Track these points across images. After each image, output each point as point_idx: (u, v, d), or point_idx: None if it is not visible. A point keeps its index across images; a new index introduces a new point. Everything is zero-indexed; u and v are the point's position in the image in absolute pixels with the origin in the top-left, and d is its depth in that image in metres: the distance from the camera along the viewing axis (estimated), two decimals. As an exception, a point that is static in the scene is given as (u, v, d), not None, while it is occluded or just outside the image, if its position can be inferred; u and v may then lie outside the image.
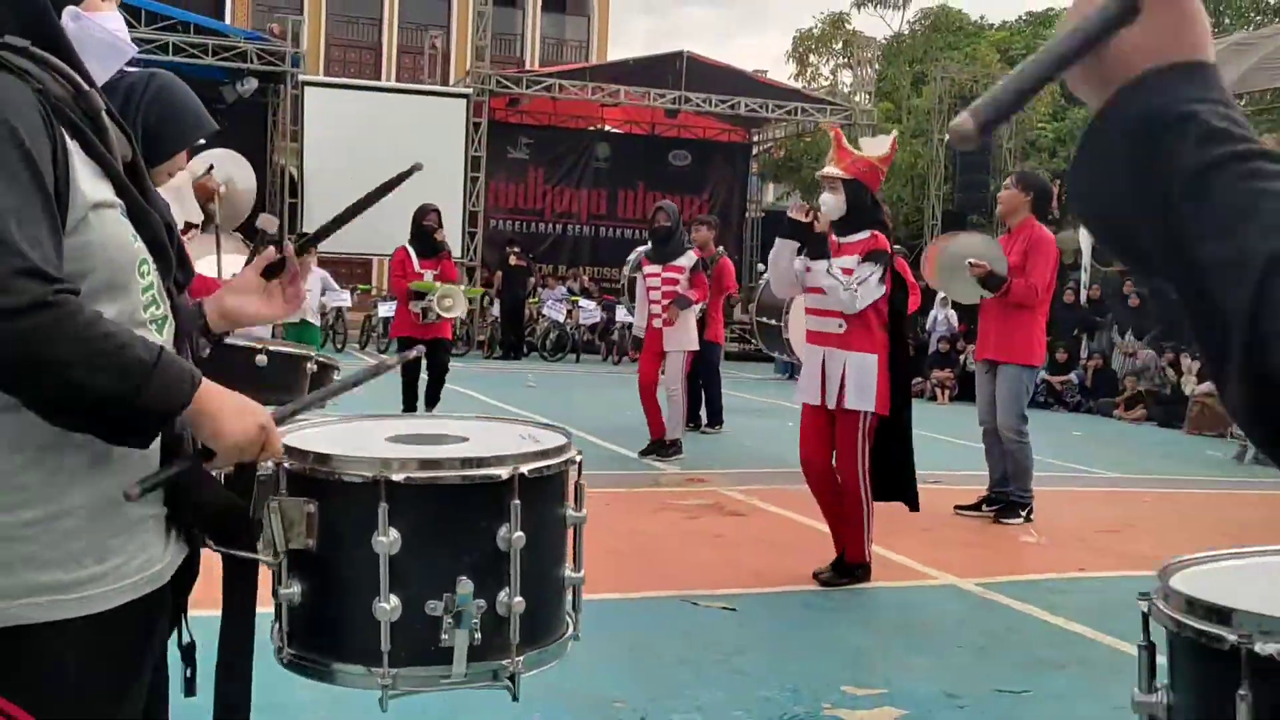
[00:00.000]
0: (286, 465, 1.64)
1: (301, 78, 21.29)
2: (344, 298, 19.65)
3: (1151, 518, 8.10)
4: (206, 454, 1.53)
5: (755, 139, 27.96)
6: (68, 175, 1.41)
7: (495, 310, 20.86)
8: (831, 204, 5.61)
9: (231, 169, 7.35)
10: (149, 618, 1.55)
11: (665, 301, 9.36)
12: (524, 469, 1.62)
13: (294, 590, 1.64)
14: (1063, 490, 8.74)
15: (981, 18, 35.44)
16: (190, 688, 1.68)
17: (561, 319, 20.86)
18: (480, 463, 1.63)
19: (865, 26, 30.41)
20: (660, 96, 22.89)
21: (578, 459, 1.77)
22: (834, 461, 5.67)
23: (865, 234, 5.61)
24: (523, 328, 20.87)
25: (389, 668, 1.58)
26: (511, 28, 34.22)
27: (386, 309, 18.28)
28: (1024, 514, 7.34)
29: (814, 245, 5.59)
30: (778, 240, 5.79)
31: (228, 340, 2.32)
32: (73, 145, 1.44)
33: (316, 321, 11.20)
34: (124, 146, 1.55)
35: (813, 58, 30.64)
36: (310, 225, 16.71)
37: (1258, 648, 1.35)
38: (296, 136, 21.25)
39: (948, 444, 11.03)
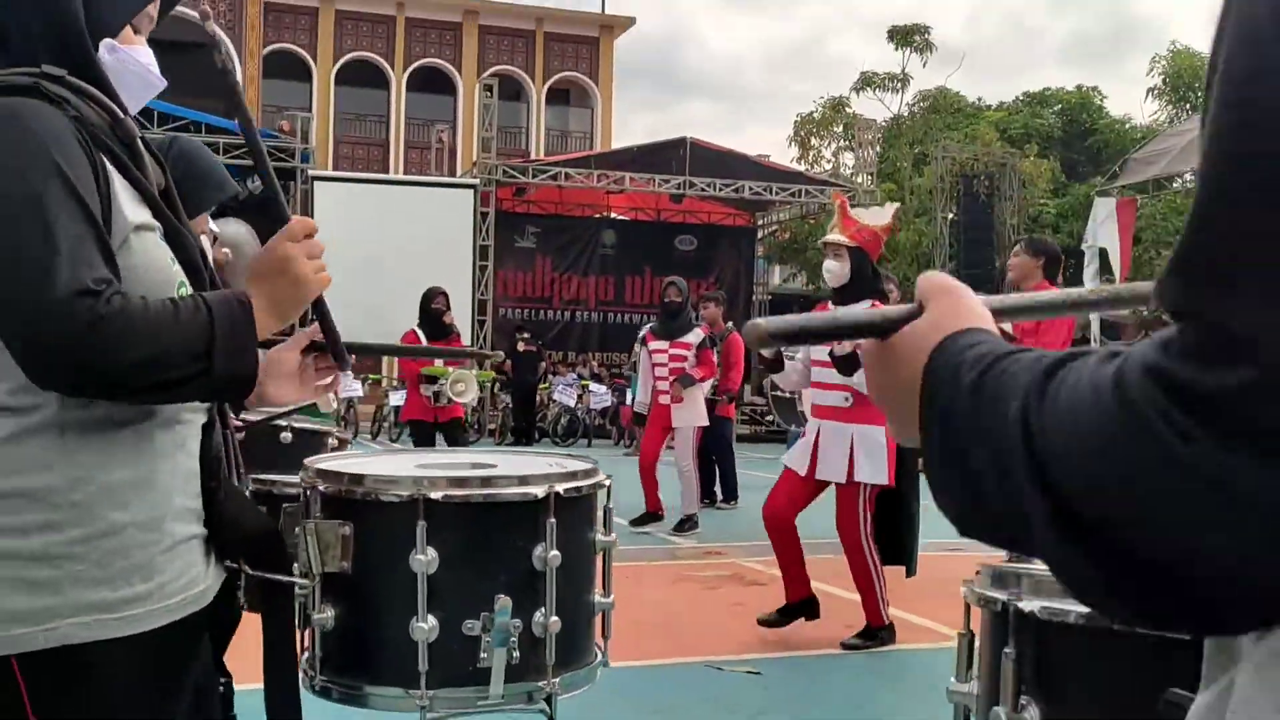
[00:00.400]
0: (321, 488, 1.64)
1: (311, 173, 21.60)
2: (356, 388, 19.75)
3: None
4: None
5: (760, 222, 28.21)
6: (109, 199, 1.45)
7: (506, 397, 20.90)
8: (836, 270, 5.66)
9: (233, 235, 7.30)
10: (192, 640, 1.56)
11: (673, 378, 9.34)
12: (559, 488, 1.63)
13: (327, 615, 1.63)
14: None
15: (979, 99, 35.99)
16: None
17: (573, 404, 20.88)
18: (516, 481, 1.64)
19: (865, 109, 30.82)
20: (665, 182, 23.17)
21: (606, 483, 1.78)
22: (838, 532, 5.69)
23: (866, 304, 5.62)
24: (534, 413, 20.87)
25: (426, 689, 1.57)
26: (516, 121, 34.81)
27: (397, 398, 18.31)
28: None
29: (844, 366, 5.52)
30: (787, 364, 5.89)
31: (250, 416, 2.32)
32: (112, 170, 1.48)
33: (328, 409, 11.19)
34: (157, 174, 1.58)
35: (814, 141, 31.03)
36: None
37: (1022, 604, 1.36)
38: (307, 231, 21.51)
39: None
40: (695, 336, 9.49)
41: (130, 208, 1.49)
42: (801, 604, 5.80)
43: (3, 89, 1.43)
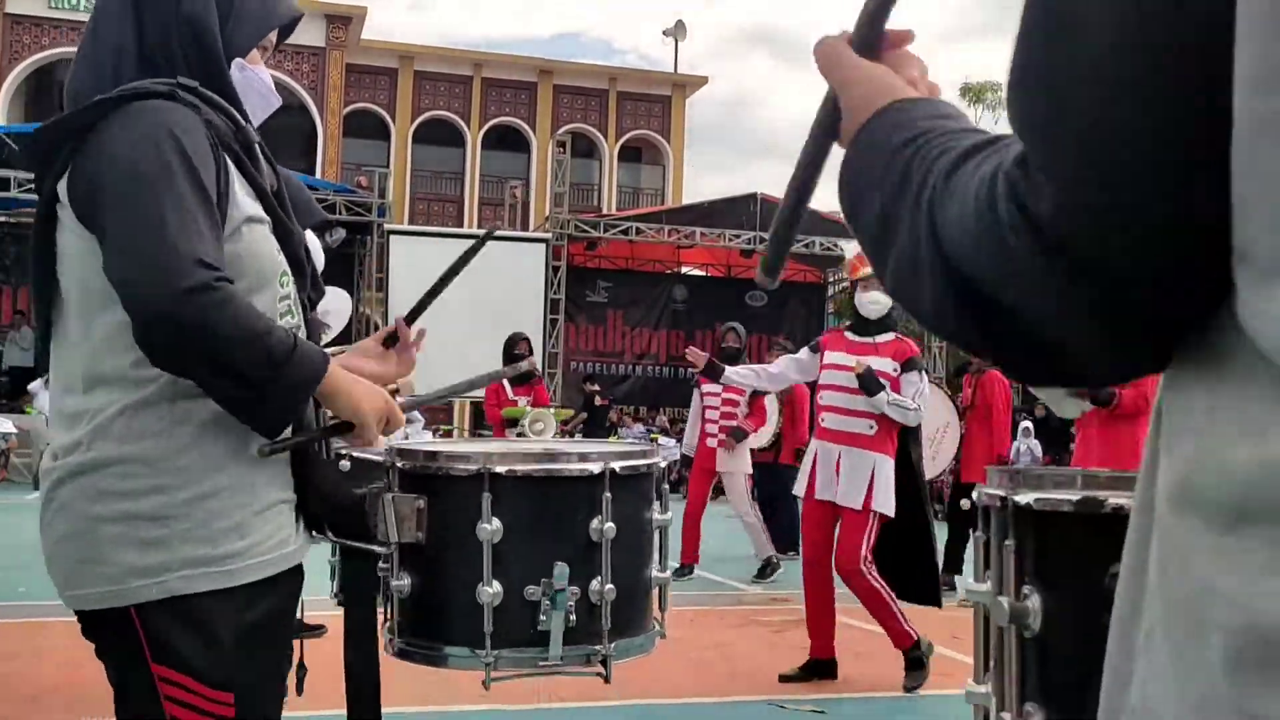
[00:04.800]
0: (399, 464, 1.80)
1: (387, 227, 22.04)
2: (426, 437, 20.01)
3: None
4: (341, 428, 1.73)
5: (831, 279, 28.18)
6: (228, 192, 1.65)
7: (577, 448, 21.04)
8: (884, 302, 5.72)
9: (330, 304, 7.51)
10: (289, 593, 1.73)
11: (724, 423, 9.32)
12: (615, 465, 1.77)
13: (405, 582, 1.78)
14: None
15: (1053, 156, 35.77)
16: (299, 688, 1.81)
17: (641, 457, 20.92)
18: (575, 458, 1.78)
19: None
20: (735, 237, 23.30)
21: (663, 464, 1.91)
22: (836, 563, 5.68)
23: (891, 336, 5.76)
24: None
25: (491, 649, 1.70)
26: (589, 178, 35.26)
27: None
28: None
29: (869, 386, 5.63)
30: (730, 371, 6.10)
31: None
32: (232, 168, 1.68)
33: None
34: (271, 177, 1.79)
35: (885, 198, 30.97)
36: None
37: (1019, 498, 1.51)
38: (382, 285, 21.92)
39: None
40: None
41: (245, 202, 1.69)
42: (826, 663, 5.78)
43: (147, 94, 1.65)
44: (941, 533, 7.48)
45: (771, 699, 5.22)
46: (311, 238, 4.89)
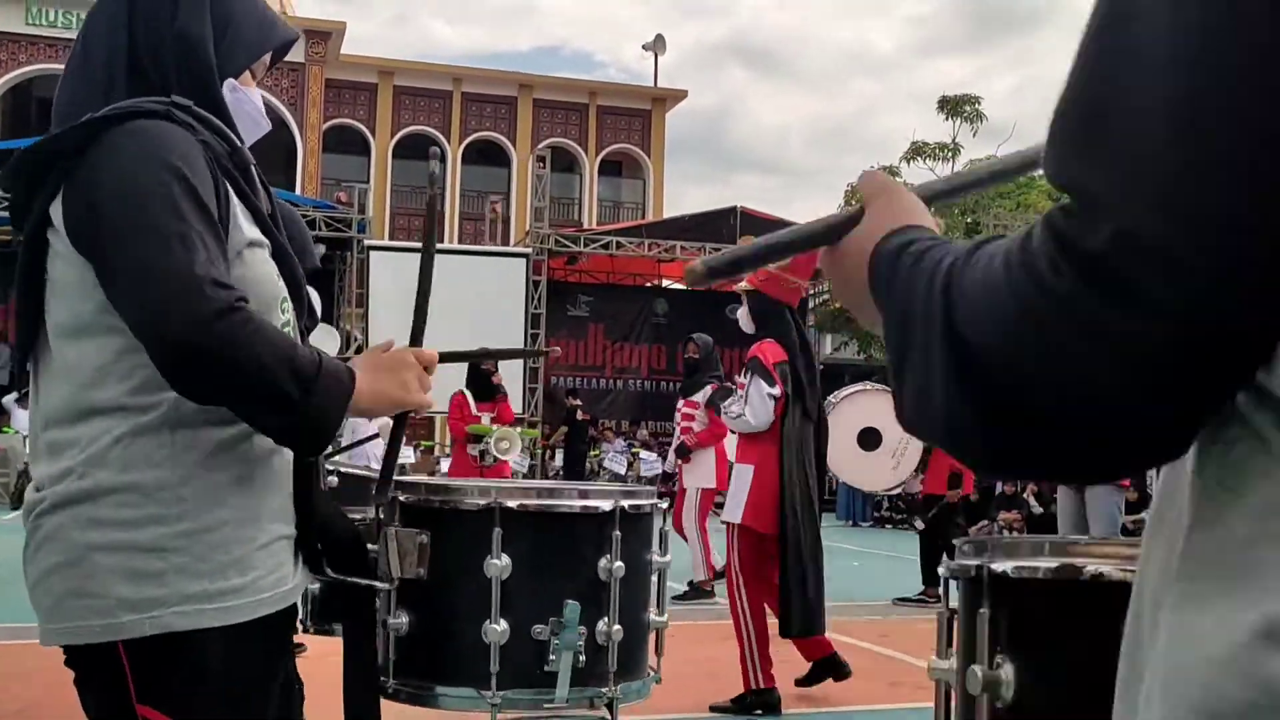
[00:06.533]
0: (402, 498, 1.74)
1: (367, 243, 21.99)
2: (407, 453, 19.98)
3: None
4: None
5: (811, 291, 28.26)
6: (228, 215, 1.59)
7: (558, 462, 21.03)
8: (742, 316, 5.74)
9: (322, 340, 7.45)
10: (281, 632, 1.65)
11: (683, 436, 9.21)
12: (625, 503, 1.74)
13: (402, 620, 1.71)
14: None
15: (1030, 168, 35.95)
16: None
17: (623, 471, 20.93)
18: (587, 494, 1.75)
19: (916, 179, 30.71)
20: (715, 250, 23.23)
21: (663, 506, 1.89)
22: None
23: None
24: (584, 480, 20.93)
25: (497, 689, 1.64)
26: (569, 192, 35.25)
27: (449, 464, 18.49)
28: None
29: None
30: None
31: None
32: (230, 190, 1.62)
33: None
34: (265, 200, 1.72)
35: (864, 210, 31.06)
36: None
37: (995, 566, 1.44)
38: (362, 301, 21.86)
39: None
40: (704, 395, 9.25)
41: (245, 225, 1.62)
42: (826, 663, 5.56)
43: (141, 113, 1.57)
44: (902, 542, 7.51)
45: (751, 714, 5.24)
46: None
